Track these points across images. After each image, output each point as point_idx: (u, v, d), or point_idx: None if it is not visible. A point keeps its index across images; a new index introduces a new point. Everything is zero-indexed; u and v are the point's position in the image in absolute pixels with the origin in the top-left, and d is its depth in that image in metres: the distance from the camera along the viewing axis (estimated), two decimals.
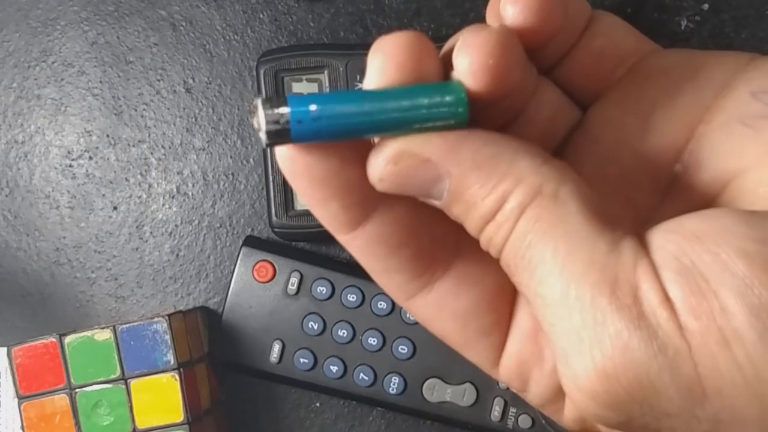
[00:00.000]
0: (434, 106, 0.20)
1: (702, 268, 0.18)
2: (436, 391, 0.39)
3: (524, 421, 0.38)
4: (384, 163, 0.20)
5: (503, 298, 0.23)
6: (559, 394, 0.22)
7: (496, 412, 0.38)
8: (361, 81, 0.39)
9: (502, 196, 0.19)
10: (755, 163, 0.21)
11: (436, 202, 0.20)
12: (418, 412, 0.39)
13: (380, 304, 0.39)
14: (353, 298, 0.39)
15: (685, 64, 0.22)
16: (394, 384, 0.39)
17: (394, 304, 0.38)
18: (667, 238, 0.19)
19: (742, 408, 0.18)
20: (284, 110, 0.19)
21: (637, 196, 0.22)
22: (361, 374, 0.39)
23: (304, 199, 0.21)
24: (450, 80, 0.20)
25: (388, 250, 0.22)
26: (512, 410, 0.38)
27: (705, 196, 0.22)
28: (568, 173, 0.20)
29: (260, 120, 0.19)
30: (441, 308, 0.23)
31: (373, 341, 0.39)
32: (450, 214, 0.20)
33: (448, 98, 0.20)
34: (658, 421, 0.19)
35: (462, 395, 0.38)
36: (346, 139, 0.20)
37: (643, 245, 0.19)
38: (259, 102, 0.19)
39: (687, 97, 0.22)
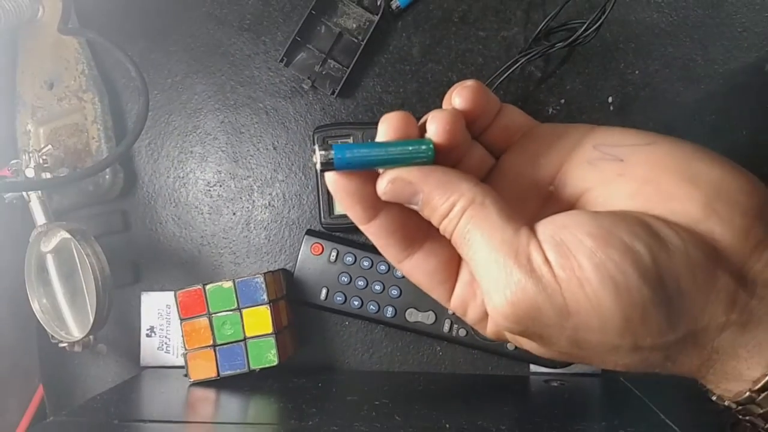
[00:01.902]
0: (415, 151, 0.27)
1: (567, 242, 0.25)
2: (412, 315, 0.53)
3: (461, 332, 0.53)
4: (385, 183, 0.27)
5: (452, 263, 0.30)
6: (484, 316, 0.30)
7: (446, 327, 0.53)
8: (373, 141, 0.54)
9: (452, 203, 0.27)
10: (595, 185, 0.28)
11: (415, 207, 0.28)
12: (403, 327, 0.53)
13: (381, 267, 0.53)
14: (366, 263, 0.53)
15: (555, 131, 0.30)
16: (389, 311, 0.53)
17: (389, 266, 0.53)
18: (546, 227, 0.26)
19: (589, 320, 0.25)
20: (331, 152, 0.27)
21: (529, 205, 0.29)
22: (371, 306, 0.53)
23: (340, 206, 0.30)
24: (424, 138, 0.28)
25: (387, 234, 0.30)
26: (455, 326, 0.52)
27: (568, 204, 0.29)
28: (489, 190, 0.27)
29: (317, 157, 0.27)
30: (417, 268, 0.30)
31: (377, 287, 0.53)
32: (422, 214, 0.28)
33: (423, 147, 0.27)
34: (541, 329, 0.26)
35: (427, 318, 0.53)
36: (365, 169, 0.28)
37: (533, 231, 0.26)
38: (316, 147, 0.27)
39: (555, 149, 0.29)
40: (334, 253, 0.54)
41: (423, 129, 0.28)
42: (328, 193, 0.53)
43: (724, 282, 0.25)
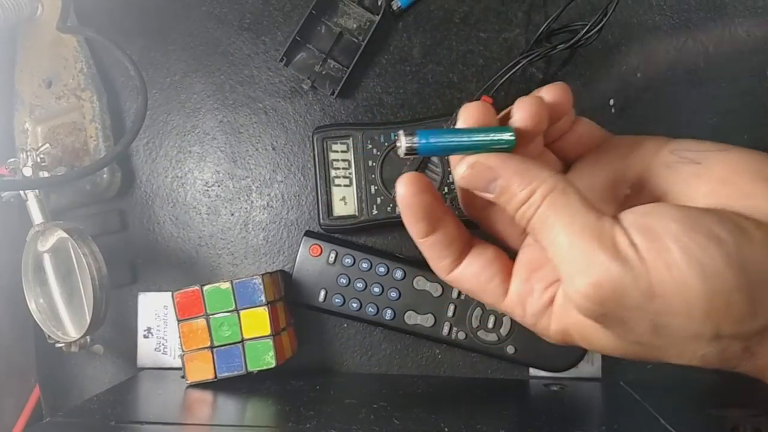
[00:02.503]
0: (497, 138, 0.28)
1: (652, 228, 0.26)
2: (411, 318, 0.52)
3: (461, 335, 0.52)
4: (465, 168, 0.28)
5: (501, 260, 0.32)
6: (543, 310, 0.30)
7: (445, 330, 0.52)
8: (373, 147, 0.52)
9: (532, 190, 0.27)
10: (673, 186, 0.29)
11: (489, 195, 0.29)
12: (401, 330, 0.53)
13: (380, 269, 0.53)
14: (365, 265, 0.53)
15: (630, 140, 0.32)
16: (388, 314, 0.52)
17: (388, 268, 0.52)
18: (630, 215, 0.27)
19: (674, 303, 0.25)
20: (415, 137, 0.28)
21: (605, 208, 0.29)
22: (369, 308, 0.53)
23: (405, 221, 0.31)
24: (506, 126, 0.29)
25: (442, 247, 0.31)
26: (454, 329, 0.52)
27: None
28: (570, 180, 0.28)
29: (401, 141, 0.28)
30: (467, 270, 0.32)
31: (376, 290, 0.52)
32: (498, 201, 0.29)
33: (506, 135, 0.28)
34: (623, 312, 0.26)
35: (426, 320, 0.52)
36: (446, 154, 0.29)
37: (616, 219, 0.27)
38: (401, 132, 0.28)
39: (633, 156, 0.31)
40: (332, 255, 0.54)
41: (505, 119, 0.30)
42: (327, 194, 0.53)
43: None
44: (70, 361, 0.59)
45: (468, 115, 0.29)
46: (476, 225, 0.34)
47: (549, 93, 0.31)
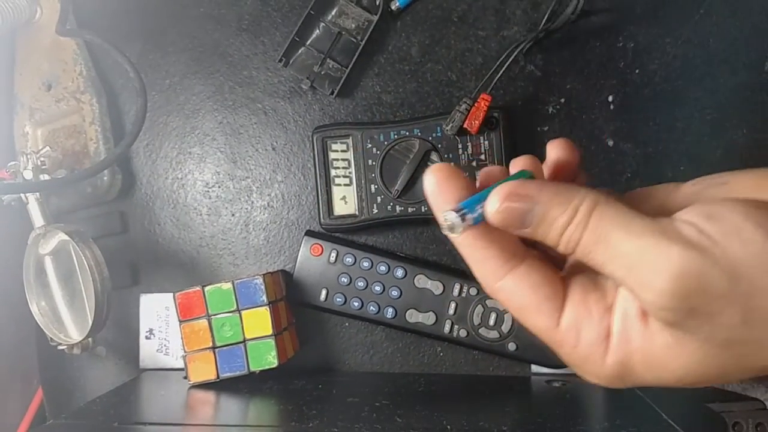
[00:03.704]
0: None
1: (716, 213, 0.25)
2: (413, 316, 0.53)
3: (462, 333, 0.52)
4: (497, 202, 0.26)
5: (554, 282, 0.28)
6: (601, 342, 0.27)
7: (447, 327, 0.52)
8: (372, 146, 0.52)
9: (574, 209, 0.26)
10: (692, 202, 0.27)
11: (527, 231, 0.26)
12: (403, 328, 0.53)
13: (381, 268, 0.53)
14: (366, 264, 0.53)
15: (647, 188, 0.32)
16: (389, 312, 0.53)
17: (389, 267, 0.52)
18: (690, 209, 0.26)
19: (761, 279, 0.24)
20: (455, 218, 0.26)
21: None
22: (371, 307, 0.53)
23: (464, 255, 0.28)
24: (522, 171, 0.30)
25: (487, 243, 0.28)
26: (456, 327, 0.52)
27: None
28: (610, 194, 0.27)
29: (445, 229, 0.27)
30: (520, 285, 0.28)
31: (377, 288, 0.53)
32: (536, 234, 0.26)
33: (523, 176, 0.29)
34: (711, 303, 0.24)
35: (428, 318, 0.53)
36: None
37: (669, 218, 0.25)
38: (446, 215, 0.26)
39: (653, 197, 0.32)
40: (333, 254, 0.54)
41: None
42: (327, 193, 0.54)
43: None
44: (73, 363, 0.59)
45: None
46: None
47: (554, 151, 0.31)
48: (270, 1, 0.57)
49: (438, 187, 0.28)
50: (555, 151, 0.31)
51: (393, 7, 0.55)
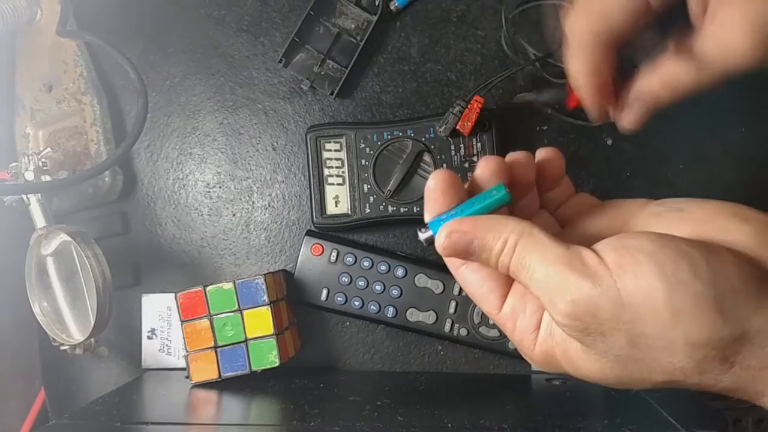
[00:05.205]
0: (493, 198, 0.32)
1: (626, 246, 0.28)
2: (413, 315, 0.53)
3: (463, 331, 0.53)
4: (443, 238, 0.32)
5: (499, 279, 0.33)
6: (530, 332, 0.32)
7: (447, 326, 0.53)
8: (366, 146, 0.52)
9: (504, 240, 0.30)
10: (657, 229, 0.30)
11: (473, 258, 0.32)
12: (403, 327, 0.53)
13: (382, 267, 0.53)
14: (367, 263, 0.53)
15: (619, 202, 0.35)
16: (390, 311, 0.53)
17: (390, 266, 0.53)
18: (607, 240, 0.30)
19: (643, 310, 0.27)
20: (429, 231, 0.33)
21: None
22: (371, 306, 0.53)
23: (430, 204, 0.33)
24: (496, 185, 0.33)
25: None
26: (456, 325, 0.53)
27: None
28: (534, 224, 0.31)
29: (421, 236, 0.33)
30: (472, 277, 0.33)
31: (378, 287, 0.53)
32: (481, 260, 0.32)
33: (499, 192, 0.32)
34: (600, 325, 0.28)
35: (428, 317, 0.53)
36: None
37: (588, 247, 0.29)
38: (418, 230, 0.33)
39: (621, 211, 0.34)
40: (334, 254, 0.54)
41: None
42: (321, 192, 0.54)
43: None
44: (75, 364, 0.60)
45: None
46: None
47: (541, 153, 0.35)
48: (270, 1, 0.57)
49: (432, 194, 0.33)
50: (542, 154, 0.35)
51: (392, 8, 0.55)
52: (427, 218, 0.33)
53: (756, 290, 0.27)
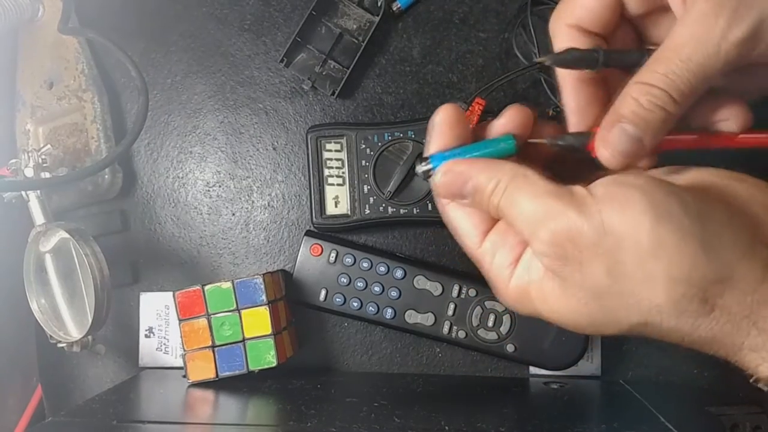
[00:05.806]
0: (499, 145, 0.33)
1: (623, 183, 0.29)
2: (412, 317, 0.53)
3: (461, 334, 0.52)
4: (440, 175, 0.32)
5: (484, 220, 0.33)
6: (508, 267, 0.32)
7: (445, 328, 0.52)
8: (366, 146, 0.52)
9: (497, 180, 0.31)
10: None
11: (466, 201, 0.32)
12: (402, 329, 0.53)
13: (380, 268, 0.53)
14: (366, 264, 0.53)
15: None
16: (388, 313, 0.53)
17: (389, 268, 0.52)
18: (605, 178, 0.30)
19: (626, 238, 0.27)
20: (430, 164, 0.33)
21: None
22: (370, 307, 0.53)
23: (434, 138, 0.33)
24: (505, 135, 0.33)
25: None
26: (454, 328, 0.52)
27: None
28: (531, 168, 0.31)
29: (419, 168, 0.33)
30: (458, 211, 0.34)
31: (377, 289, 0.53)
32: (473, 203, 0.32)
33: (506, 141, 0.33)
34: (580, 253, 0.28)
35: (426, 319, 0.53)
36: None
37: (584, 186, 0.30)
38: (416, 160, 0.37)
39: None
40: (333, 254, 0.54)
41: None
42: (320, 193, 0.54)
43: (762, 253, 0.27)
44: (72, 361, 0.60)
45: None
46: None
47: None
48: (272, 1, 0.57)
49: (438, 127, 0.33)
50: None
51: (394, 8, 0.55)
52: (430, 151, 0.33)
53: (746, 239, 0.27)
